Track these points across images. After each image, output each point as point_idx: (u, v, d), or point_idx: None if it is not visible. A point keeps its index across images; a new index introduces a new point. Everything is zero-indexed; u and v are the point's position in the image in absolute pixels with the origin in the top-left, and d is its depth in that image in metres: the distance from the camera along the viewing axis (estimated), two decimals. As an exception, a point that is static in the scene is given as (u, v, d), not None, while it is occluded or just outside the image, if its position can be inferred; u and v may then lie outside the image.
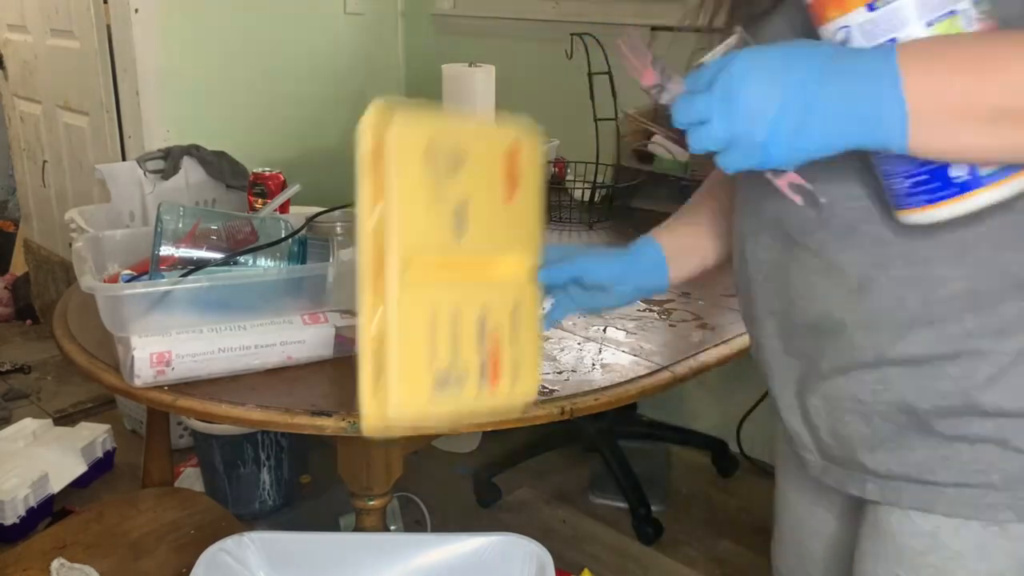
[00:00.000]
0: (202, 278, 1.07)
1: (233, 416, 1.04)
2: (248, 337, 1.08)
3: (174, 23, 2.33)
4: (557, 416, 1.07)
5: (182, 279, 1.06)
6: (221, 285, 1.07)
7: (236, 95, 2.48)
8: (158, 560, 1.23)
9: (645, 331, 1.30)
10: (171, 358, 1.07)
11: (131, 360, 1.05)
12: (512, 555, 1.03)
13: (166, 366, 1.07)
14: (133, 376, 1.05)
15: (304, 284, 1.12)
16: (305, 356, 1.12)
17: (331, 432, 1.02)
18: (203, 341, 1.07)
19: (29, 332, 3.13)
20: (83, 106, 2.60)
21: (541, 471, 2.27)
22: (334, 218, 1.29)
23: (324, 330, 1.12)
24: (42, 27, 2.71)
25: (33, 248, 3.16)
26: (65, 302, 1.37)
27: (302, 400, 1.05)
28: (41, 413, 2.51)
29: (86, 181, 2.66)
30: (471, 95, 1.82)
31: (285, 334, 1.10)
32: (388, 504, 1.19)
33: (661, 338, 1.28)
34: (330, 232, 1.25)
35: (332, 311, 1.12)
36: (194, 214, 1.14)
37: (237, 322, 1.08)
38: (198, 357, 1.08)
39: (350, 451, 1.16)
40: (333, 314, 1.12)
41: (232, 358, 1.08)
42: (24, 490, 1.92)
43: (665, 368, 1.18)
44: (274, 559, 1.03)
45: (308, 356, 1.13)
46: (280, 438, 1.99)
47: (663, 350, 1.23)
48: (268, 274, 1.11)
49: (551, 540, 1.05)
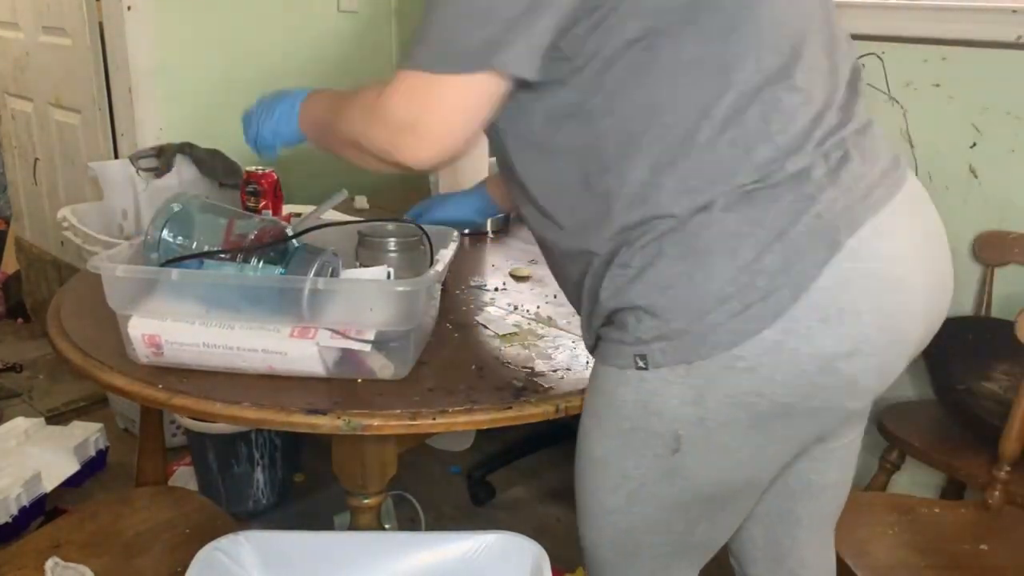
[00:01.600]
0: (170, 271, 1.08)
1: (228, 415, 1.04)
2: (233, 337, 1.07)
3: (167, 20, 2.32)
4: (552, 414, 1.07)
5: (163, 268, 1.08)
6: (199, 281, 1.08)
7: (229, 93, 2.47)
8: (153, 559, 1.23)
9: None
10: (161, 342, 1.08)
11: (127, 338, 1.09)
12: (508, 553, 1.03)
13: (157, 348, 1.09)
14: (135, 353, 1.10)
15: (277, 295, 1.07)
16: (286, 369, 1.08)
17: (327, 431, 1.02)
18: (190, 332, 1.08)
19: (21, 331, 3.12)
20: (75, 104, 2.59)
21: (535, 469, 2.27)
22: (385, 232, 1.26)
23: (307, 347, 1.06)
24: (34, 24, 2.70)
25: (24, 246, 3.15)
26: (59, 300, 1.36)
27: (297, 399, 1.05)
28: (33, 412, 2.50)
29: (78, 179, 2.65)
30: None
31: (267, 342, 1.07)
32: (383, 502, 1.19)
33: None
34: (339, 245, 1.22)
35: (327, 329, 1.07)
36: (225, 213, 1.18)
37: (226, 321, 1.08)
38: (186, 347, 1.08)
39: (345, 449, 1.16)
40: (325, 332, 1.07)
41: (217, 355, 1.08)
42: (16, 489, 1.91)
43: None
44: (269, 558, 1.03)
45: (289, 369, 1.08)
46: (274, 437, 1.99)
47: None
48: (227, 276, 1.09)
49: (545, 538, 1.05)
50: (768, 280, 0.82)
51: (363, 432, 1.02)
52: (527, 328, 1.30)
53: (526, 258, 1.61)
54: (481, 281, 1.51)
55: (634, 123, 0.85)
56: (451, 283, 1.47)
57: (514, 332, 1.28)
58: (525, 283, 1.50)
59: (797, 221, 0.82)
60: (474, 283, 1.50)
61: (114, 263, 1.08)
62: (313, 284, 1.05)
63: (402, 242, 1.24)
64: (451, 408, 1.04)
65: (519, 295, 1.44)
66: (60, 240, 2.37)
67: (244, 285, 1.08)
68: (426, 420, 1.03)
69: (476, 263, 1.64)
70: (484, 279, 1.52)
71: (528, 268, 1.54)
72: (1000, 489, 1.42)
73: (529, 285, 1.49)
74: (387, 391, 1.08)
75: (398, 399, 1.05)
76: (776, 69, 0.84)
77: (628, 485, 0.95)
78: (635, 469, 0.93)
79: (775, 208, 0.83)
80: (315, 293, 1.05)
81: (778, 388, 0.84)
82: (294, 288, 1.05)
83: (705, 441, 0.89)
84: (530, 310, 1.37)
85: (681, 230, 0.84)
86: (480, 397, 1.07)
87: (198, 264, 1.11)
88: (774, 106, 0.84)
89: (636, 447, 0.92)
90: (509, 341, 1.25)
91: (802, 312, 0.82)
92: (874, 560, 1.30)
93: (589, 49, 0.84)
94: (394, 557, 1.05)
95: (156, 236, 1.12)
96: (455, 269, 1.54)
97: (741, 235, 0.83)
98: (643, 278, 0.86)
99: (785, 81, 0.84)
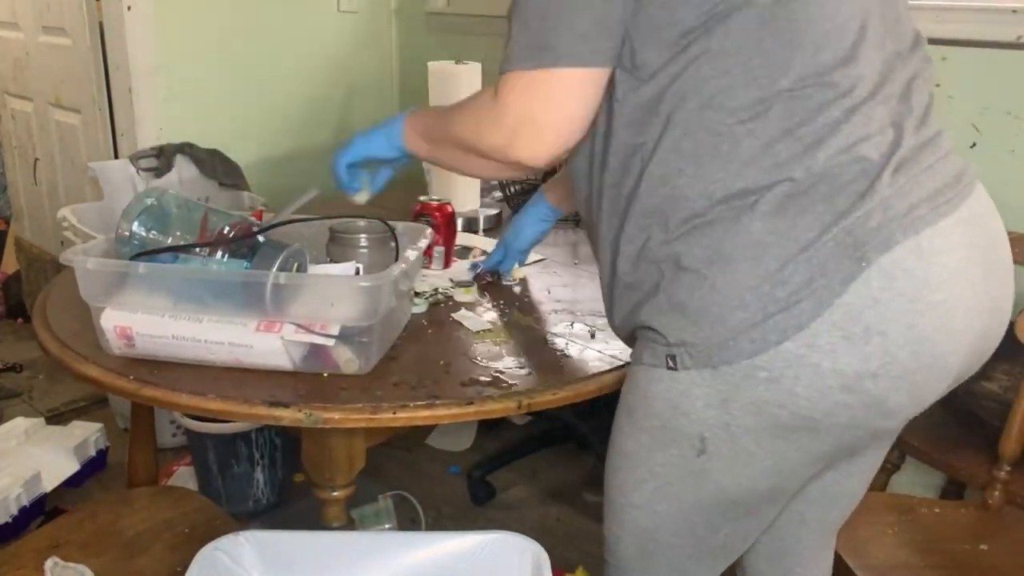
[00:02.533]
0: (137, 264, 1.09)
1: (193, 405, 1.06)
2: (201, 330, 1.09)
3: (167, 20, 2.32)
4: (514, 411, 1.09)
5: (131, 262, 1.10)
6: (164, 275, 1.10)
7: (229, 93, 2.47)
8: (152, 559, 1.22)
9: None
10: (132, 334, 1.10)
11: (100, 330, 1.11)
12: (508, 553, 1.03)
13: (129, 340, 1.11)
14: (108, 345, 1.12)
15: (240, 289, 1.07)
16: (252, 362, 1.10)
17: (288, 423, 1.03)
18: (159, 325, 1.09)
19: (20, 331, 3.12)
20: (75, 104, 2.59)
21: (535, 469, 2.27)
22: (355, 228, 1.27)
23: (272, 340, 1.07)
24: (34, 24, 2.70)
25: (24, 246, 3.15)
26: (46, 293, 1.39)
27: (262, 391, 1.06)
28: (33, 412, 2.50)
29: (78, 179, 2.65)
30: (457, 93, 1.82)
31: (234, 335, 1.08)
32: (352, 495, 1.20)
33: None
34: (306, 239, 1.23)
35: (292, 323, 1.08)
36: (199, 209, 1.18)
37: (194, 314, 1.09)
38: (156, 339, 1.10)
39: (313, 443, 1.17)
40: (290, 327, 1.08)
41: (186, 347, 1.09)
42: (16, 489, 1.91)
43: (627, 364, 1.18)
44: (269, 558, 1.03)
45: (255, 363, 1.10)
46: (274, 437, 1.99)
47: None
48: (190, 270, 1.10)
49: (545, 538, 1.05)
50: (790, 292, 0.81)
51: (324, 425, 1.03)
52: (502, 326, 1.31)
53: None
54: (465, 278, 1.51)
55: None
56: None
57: (488, 329, 1.29)
58: (511, 282, 1.50)
59: (824, 234, 0.81)
60: (458, 280, 1.50)
61: (87, 256, 1.10)
62: (275, 279, 1.06)
63: (372, 238, 1.25)
64: (413, 403, 1.05)
65: (498, 291, 1.46)
66: (60, 240, 2.36)
67: (210, 279, 1.09)
68: (387, 414, 1.04)
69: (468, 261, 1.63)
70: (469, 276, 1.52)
71: (522, 270, 1.54)
72: (1000, 489, 1.42)
73: (513, 284, 1.50)
74: (352, 385, 1.09)
75: (362, 393, 1.07)
76: (823, 71, 0.83)
77: (654, 482, 0.95)
78: (662, 466, 0.94)
79: (804, 219, 0.82)
80: (279, 288, 1.06)
81: (800, 401, 0.84)
82: (257, 282, 1.06)
83: (730, 446, 0.89)
84: (509, 309, 1.38)
85: (709, 233, 0.85)
86: (443, 392, 1.08)
87: (172, 258, 1.12)
88: (817, 114, 0.83)
89: (664, 445, 0.93)
90: (481, 338, 1.26)
91: (824, 327, 0.81)
92: (874, 560, 1.30)
93: None
94: (394, 557, 1.05)
95: (128, 229, 1.13)
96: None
97: (766, 244, 0.82)
98: (673, 278, 0.87)
99: (831, 89, 0.83)
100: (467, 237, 1.75)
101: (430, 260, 1.54)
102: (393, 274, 1.08)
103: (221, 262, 1.11)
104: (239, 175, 2.13)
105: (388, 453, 2.28)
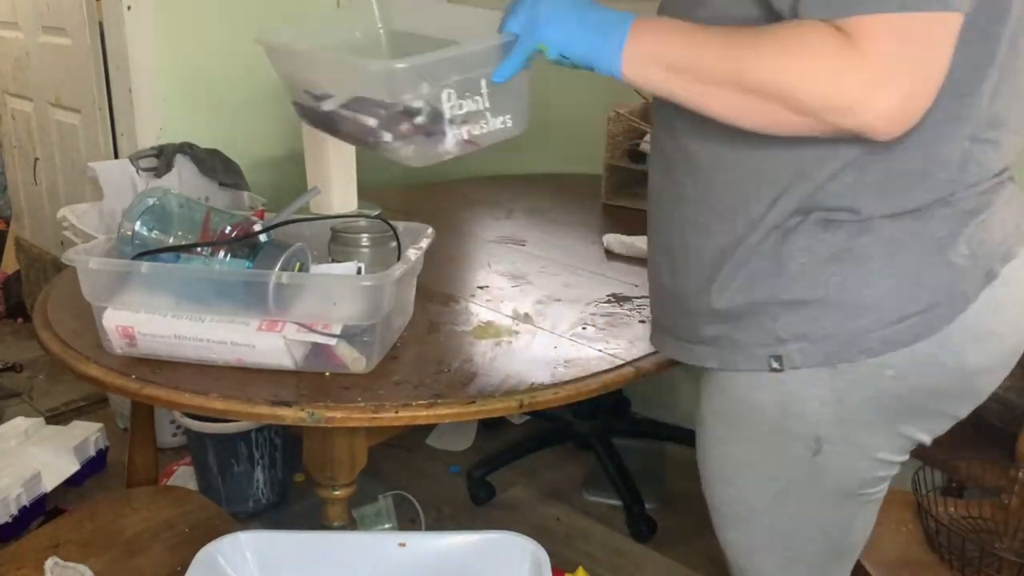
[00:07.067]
0: (139, 264, 1.09)
1: (195, 404, 1.06)
2: (203, 330, 1.09)
3: (167, 20, 2.32)
4: (516, 409, 1.09)
5: (133, 261, 1.10)
6: (166, 274, 1.10)
7: (229, 92, 2.47)
8: (152, 559, 1.22)
9: (615, 327, 1.31)
10: (134, 334, 1.10)
11: (103, 329, 1.11)
12: (508, 553, 1.03)
13: (131, 340, 1.11)
14: (110, 344, 1.12)
15: (243, 289, 1.07)
16: (255, 361, 1.10)
17: (290, 422, 1.03)
18: (162, 324, 1.09)
19: (20, 331, 3.12)
20: (75, 103, 2.59)
21: (535, 469, 2.27)
22: (357, 228, 1.27)
23: (274, 340, 1.08)
24: (33, 24, 2.70)
25: (24, 246, 3.15)
26: (47, 293, 1.39)
27: (265, 391, 1.06)
28: (33, 412, 2.50)
29: (78, 179, 2.65)
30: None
31: (236, 335, 1.08)
32: (353, 494, 1.19)
33: (630, 334, 1.29)
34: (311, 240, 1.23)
35: (294, 323, 1.08)
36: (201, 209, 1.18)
37: (197, 313, 1.09)
38: (158, 339, 1.10)
39: (314, 442, 1.17)
40: (292, 326, 1.08)
41: (189, 347, 1.10)
42: (17, 489, 1.91)
43: (628, 363, 1.19)
44: (268, 558, 1.03)
45: (258, 362, 1.10)
46: (274, 436, 1.99)
47: (631, 346, 1.24)
48: (193, 270, 1.10)
49: (545, 538, 1.05)
50: (929, 295, 0.83)
51: (326, 424, 1.03)
52: (502, 325, 1.30)
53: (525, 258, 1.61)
54: (468, 278, 1.51)
55: None
56: (439, 280, 1.47)
57: (487, 328, 1.29)
58: (510, 282, 1.50)
59: (956, 241, 0.84)
60: (459, 280, 1.50)
61: (89, 255, 1.10)
62: (278, 278, 1.06)
63: (374, 238, 1.25)
64: (415, 402, 1.05)
65: (500, 292, 1.45)
66: (60, 240, 2.36)
67: (212, 279, 1.09)
68: (389, 413, 1.04)
69: (472, 261, 1.64)
70: (472, 276, 1.52)
71: (522, 270, 1.53)
72: (1017, 492, 1.42)
73: (513, 284, 1.50)
74: (354, 384, 1.09)
75: (363, 392, 1.07)
76: None
77: (775, 485, 0.95)
78: (780, 469, 0.94)
79: (941, 225, 0.84)
80: (281, 287, 1.06)
81: (919, 393, 0.87)
82: (259, 282, 1.06)
83: (845, 441, 0.90)
84: (509, 308, 1.38)
85: (840, 228, 0.84)
86: (445, 391, 1.08)
87: (174, 257, 1.12)
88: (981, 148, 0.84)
89: (777, 449, 0.93)
90: (482, 337, 1.26)
91: (958, 330, 0.84)
92: (886, 556, 1.30)
93: None
94: (394, 557, 1.05)
95: (130, 229, 1.13)
96: (445, 265, 1.54)
97: (902, 243, 0.83)
98: (790, 273, 0.86)
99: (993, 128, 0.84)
100: None
101: None
102: (395, 273, 1.09)
103: (223, 262, 1.11)
104: (239, 175, 2.13)
105: (388, 453, 2.28)
